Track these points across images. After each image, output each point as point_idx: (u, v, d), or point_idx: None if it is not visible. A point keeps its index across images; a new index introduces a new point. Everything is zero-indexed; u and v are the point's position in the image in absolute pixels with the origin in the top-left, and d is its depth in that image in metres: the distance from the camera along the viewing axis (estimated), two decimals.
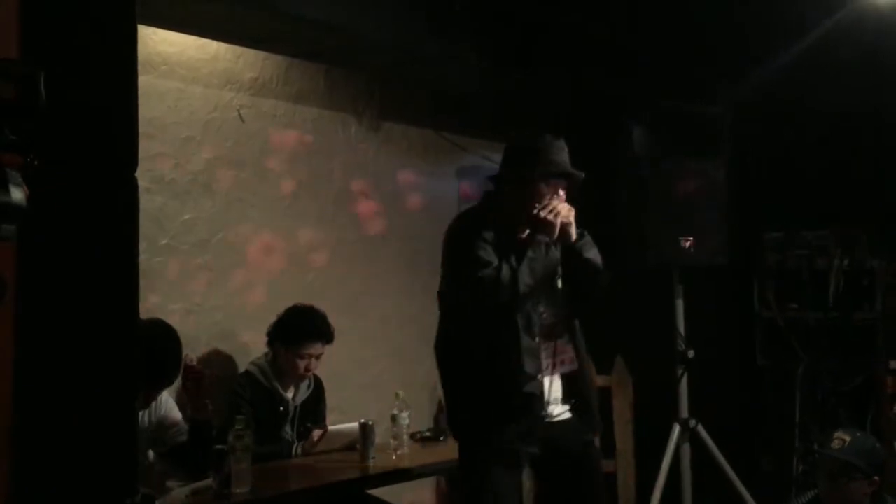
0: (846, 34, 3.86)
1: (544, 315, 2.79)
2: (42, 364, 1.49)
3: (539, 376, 2.74)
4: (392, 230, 4.39)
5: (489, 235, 2.72)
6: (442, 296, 2.87)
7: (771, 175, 4.39)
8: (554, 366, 2.80)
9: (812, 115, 4.22)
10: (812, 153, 4.24)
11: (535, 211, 2.71)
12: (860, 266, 4.07)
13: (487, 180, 2.95)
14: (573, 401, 2.84)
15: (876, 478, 2.90)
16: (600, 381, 4.52)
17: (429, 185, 4.60)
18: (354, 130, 4.27)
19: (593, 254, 2.82)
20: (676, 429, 4.03)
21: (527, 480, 3.82)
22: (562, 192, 2.79)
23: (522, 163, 2.80)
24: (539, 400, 2.74)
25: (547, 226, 2.71)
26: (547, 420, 2.79)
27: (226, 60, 3.75)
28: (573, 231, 2.75)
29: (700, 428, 4.02)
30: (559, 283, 2.80)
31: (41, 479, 1.48)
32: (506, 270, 2.64)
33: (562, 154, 2.80)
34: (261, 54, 3.86)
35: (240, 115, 3.79)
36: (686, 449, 4.07)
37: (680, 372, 4.07)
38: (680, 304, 4.12)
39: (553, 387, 2.81)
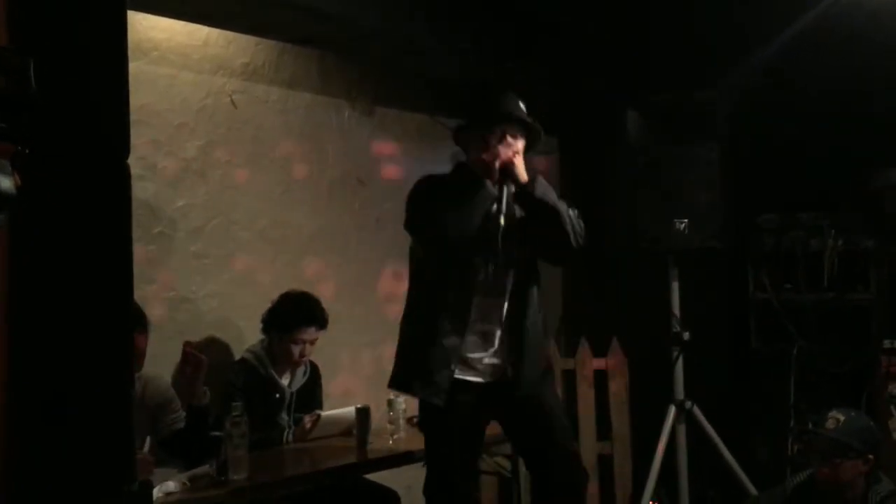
0: (840, 16, 3.85)
1: (488, 272, 2.80)
2: (36, 353, 1.49)
3: (462, 334, 2.77)
4: (386, 215, 4.38)
5: (445, 190, 2.78)
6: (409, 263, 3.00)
7: (765, 157, 4.39)
8: (487, 321, 2.82)
9: (806, 97, 4.22)
10: (806, 135, 4.24)
11: (477, 157, 2.78)
12: (854, 247, 4.08)
13: (453, 140, 2.99)
14: (512, 359, 2.85)
15: (871, 456, 2.92)
16: (597, 363, 4.55)
17: (423, 170, 4.57)
18: (348, 115, 4.25)
19: (549, 196, 2.78)
20: (672, 410, 4.06)
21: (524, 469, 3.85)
22: (514, 142, 2.78)
23: (470, 115, 2.90)
24: (454, 354, 2.76)
25: (487, 170, 2.74)
26: (479, 379, 2.83)
27: (217, 46, 3.73)
28: (520, 173, 2.74)
29: (695, 409, 4.04)
30: (500, 222, 2.72)
31: (37, 468, 1.48)
32: (433, 218, 2.72)
33: (509, 103, 2.82)
34: (252, 40, 3.83)
35: (232, 101, 3.77)
36: (682, 430, 4.09)
37: (675, 354, 4.09)
38: (675, 287, 4.13)
39: (482, 345, 2.83)
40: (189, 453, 2.91)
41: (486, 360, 2.85)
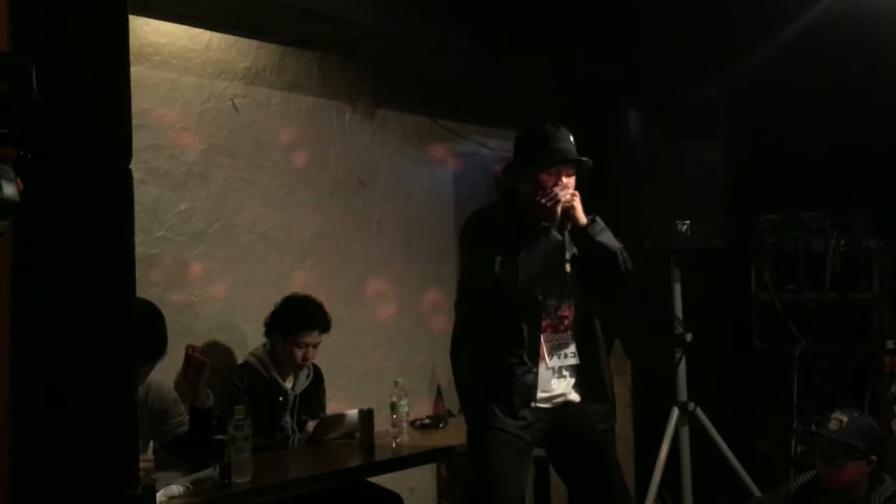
0: (840, 15, 3.84)
1: (551, 307, 2.83)
2: (40, 356, 1.49)
3: (536, 368, 2.78)
4: (388, 218, 4.39)
5: (500, 229, 2.78)
6: (458, 290, 2.97)
7: (767, 157, 4.38)
8: (557, 357, 2.84)
9: (807, 96, 4.22)
10: (808, 134, 4.23)
11: (536, 199, 2.77)
12: (857, 247, 4.07)
13: (502, 174, 3.03)
14: (587, 394, 2.88)
15: (874, 457, 2.92)
16: None
17: (424, 171, 4.59)
18: (349, 118, 4.26)
19: (606, 237, 2.86)
20: (675, 412, 4.05)
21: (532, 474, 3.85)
22: (568, 180, 2.82)
23: (525, 154, 2.87)
24: (532, 390, 2.77)
25: (548, 213, 2.76)
26: (549, 409, 2.83)
27: (219, 50, 3.74)
28: (579, 216, 2.79)
29: (699, 411, 4.04)
30: (566, 269, 2.80)
31: (41, 471, 1.48)
32: (501, 261, 2.69)
33: (563, 142, 2.84)
34: (254, 43, 3.84)
35: (234, 104, 3.78)
36: (685, 432, 4.09)
37: (678, 355, 4.08)
38: (677, 288, 4.12)
39: (557, 380, 2.84)
40: (192, 456, 2.91)
41: (558, 394, 2.85)
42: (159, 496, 2.58)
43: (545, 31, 4.32)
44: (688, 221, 3.93)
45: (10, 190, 1.25)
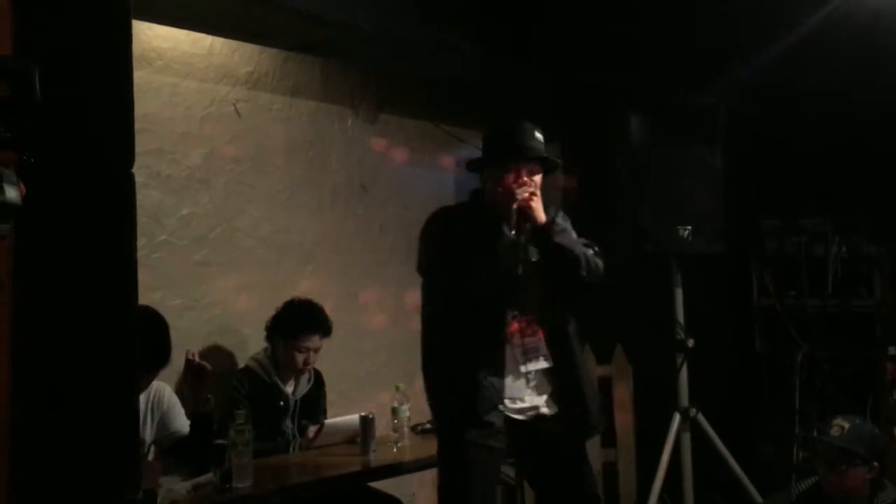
0: (843, 19, 3.85)
1: (514, 311, 2.72)
2: (40, 361, 1.49)
3: (502, 372, 2.68)
4: (390, 222, 4.39)
5: (460, 228, 2.71)
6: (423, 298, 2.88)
7: (768, 162, 4.38)
8: (525, 362, 2.73)
9: (809, 101, 4.22)
10: (809, 140, 4.24)
11: (493, 195, 2.72)
12: (858, 253, 4.08)
13: (468, 169, 2.94)
14: (563, 399, 2.78)
15: (875, 464, 2.91)
16: (600, 370, 4.54)
17: (426, 176, 4.59)
18: (351, 123, 4.26)
19: (565, 238, 2.75)
20: (677, 417, 4.04)
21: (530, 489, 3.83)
22: (532, 178, 2.72)
23: (488, 149, 2.82)
24: (499, 394, 2.67)
25: (504, 210, 2.68)
26: (519, 417, 2.74)
27: (221, 55, 3.74)
28: (537, 215, 2.68)
29: (700, 416, 4.03)
30: (519, 271, 2.67)
31: (42, 476, 1.48)
32: (452, 267, 2.62)
33: (528, 140, 2.74)
34: (256, 48, 3.85)
35: (236, 109, 3.78)
36: (686, 437, 4.08)
37: (679, 361, 4.08)
38: (679, 293, 4.12)
39: (524, 383, 2.74)
40: (193, 461, 2.91)
41: (531, 406, 2.76)
42: (160, 501, 2.58)
43: (547, 35, 4.32)
44: (689, 226, 3.93)
45: (12, 193, 1.25)
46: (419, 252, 2.85)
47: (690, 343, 4.04)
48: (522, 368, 2.73)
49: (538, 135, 2.76)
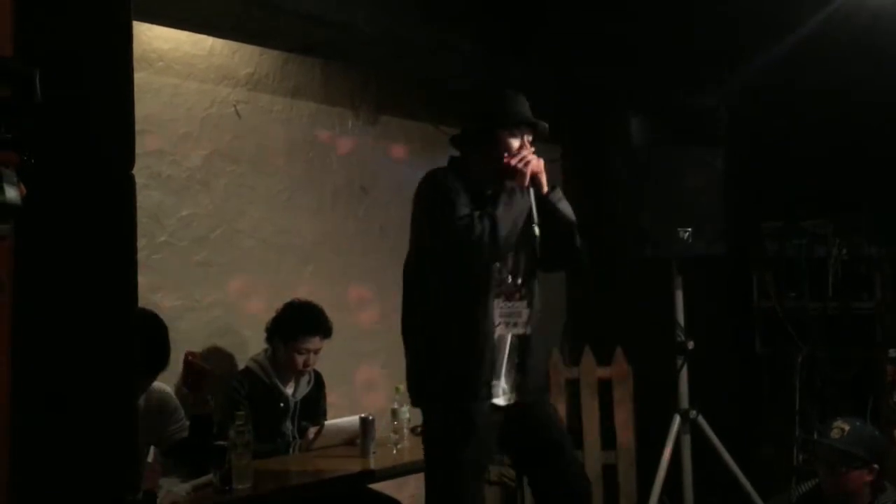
0: (844, 21, 3.85)
1: (506, 275, 2.74)
2: (40, 362, 1.49)
3: (493, 334, 2.68)
4: (390, 223, 4.38)
5: (461, 188, 2.69)
6: (408, 266, 2.85)
7: (769, 164, 4.38)
8: (506, 325, 2.74)
9: (809, 101, 4.22)
10: (810, 141, 4.24)
11: (506, 160, 2.71)
12: (859, 254, 4.07)
13: (450, 142, 2.92)
14: (517, 361, 2.77)
15: (875, 466, 2.91)
16: (600, 372, 4.54)
17: None
18: (351, 125, 4.26)
19: (565, 206, 2.79)
20: (677, 420, 4.04)
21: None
22: (528, 144, 2.77)
23: (487, 117, 2.80)
24: (497, 360, 2.69)
25: (517, 174, 2.70)
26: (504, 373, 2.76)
27: (222, 56, 3.74)
28: (544, 181, 2.74)
29: (700, 419, 4.03)
30: (535, 231, 2.68)
31: (41, 477, 1.48)
32: (485, 218, 2.58)
33: (523, 106, 2.80)
34: (257, 49, 3.85)
35: (236, 110, 3.79)
36: (686, 440, 4.08)
37: (680, 363, 4.07)
38: (679, 295, 4.11)
39: (502, 347, 2.76)
40: (193, 462, 2.91)
41: (514, 368, 2.78)
42: (160, 502, 2.58)
43: (547, 35, 4.33)
44: (689, 228, 3.93)
45: (12, 193, 1.25)
46: (422, 217, 2.81)
47: (690, 345, 4.04)
48: (505, 330, 2.73)
49: (525, 100, 2.81)
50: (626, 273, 4.60)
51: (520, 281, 2.79)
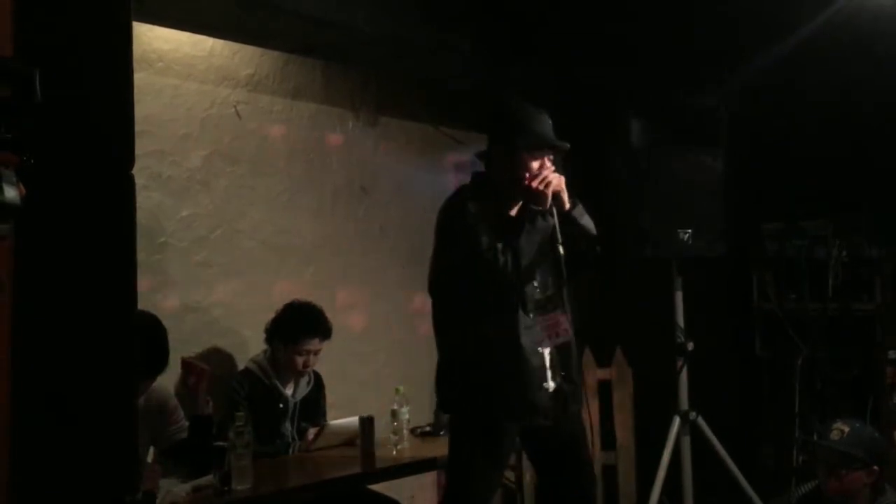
0: (844, 23, 3.85)
1: (538, 288, 2.79)
2: (40, 362, 1.49)
3: (539, 349, 2.74)
4: (390, 224, 4.39)
5: (481, 212, 2.73)
6: (435, 283, 2.85)
7: (769, 165, 4.38)
8: (549, 338, 2.80)
9: (810, 103, 4.22)
10: (810, 141, 4.23)
11: (526, 182, 2.74)
12: (859, 256, 4.07)
13: (476, 157, 2.96)
14: (563, 372, 2.83)
15: (875, 467, 2.91)
16: (600, 373, 4.54)
17: (427, 179, 4.59)
18: (352, 126, 4.26)
19: (587, 221, 2.86)
20: (676, 421, 4.03)
21: (526, 472, 3.83)
22: (549, 163, 2.80)
23: (508, 135, 2.82)
24: (542, 372, 2.74)
25: (539, 196, 2.73)
26: (547, 391, 2.79)
27: (222, 57, 3.74)
28: (566, 198, 2.77)
29: (700, 420, 4.03)
30: (560, 251, 2.73)
31: (41, 477, 1.48)
32: (503, 248, 2.66)
33: (545, 125, 2.83)
34: (257, 50, 3.85)
35: (236, 111, 3.79)
36: (686, 441, 4.07)
37: (679, 364, 4.07)
38: (679, 296, 4.11)
39: (550, 359, 2.80)
40: (192, 463, 2.91)
41: (553, 378, 2.80)
42: (159, 502, 2.57)
43: (547, 35, 4.33)
44: (689, 229, 3.93)
45: (11, 193, 1.25)
46: (443, 246, 2.81)
47: (690, 346, 4.04)
48: (545, 346, 2.78)
49: (548, 118, 2.86)
50: (626, 273, 4.59)
51: (550, 292, 2.84)
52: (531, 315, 2.76)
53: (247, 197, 3.81)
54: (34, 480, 1.47)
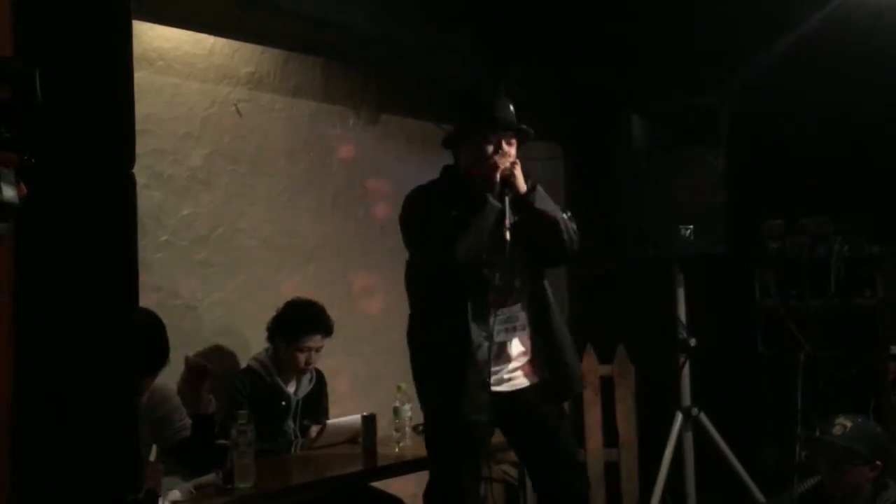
0: (844, 21, 3.85)
1: (496, 280, 2.76)
2: (41, 362, 1.49)
3: (488, 343, 2.71)
4: (391, 223, 4.36)
5: (440, 204, 2.72)
6: (407, 276, 2.89)
7: (770, 163, 4.38)
8: (506, 331, 2.78)
9: (810, 101, 4.22)
10: (811, 140, 4.24)
11: (474, 168, 2.75)
12: (861, 253, 4.07)
13: (442, 146, 2.95)
14: (546, 366, 2.83)
15: (878, 462, 2.91)
16: (602, 370, 4.54)
17: (428, 177, 4.58)
18: (352, 124, 4.26)
19: (546, 204, 2.78)
20: (679, 417, 4.04)
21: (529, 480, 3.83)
22: (509, 148, 2.76)
23: (464, 122, 2.85)
24: (486, 367, 2.71)
25: (487, 180, 2.72)
26: (502, 388, 2.79)
27: (222, 55, 3.75)
28: (519, 183, 2.72)
29: (702, 416, 4.03)
30: (507, 237, 2.66)
31: (42, 477, 1.48)
32: (438, 239, 2.64)
33: (503, 111, 2.80)
34: (257, 49, 3.85)
35: (237, 110, 3.79)
36: (689, 437, 4.08)
37: (682, 361, 4.08)
38: (681, 293, 4.12)
39: (507, 352, 2.80)
40: (195, 462, 2.91)
41: (511, 370, 2.82)
42: (161, 502, 2.58)
43: (547, 35, 4.33)
44: (691, 227, 3.93)
45: (10, 193, 1.25)
46: (406, 232, 2.86)
47: (693, 342, 4.04)
48: (503, 337, 2.77)
49: (510, 106, 2.82)
50: (627, 272, 4.60)
51: (517, 284, 2.80)
52: (489, 308, 2.73)
53: (247, 196, 3.81)
54: (35, 480, 1.47)
